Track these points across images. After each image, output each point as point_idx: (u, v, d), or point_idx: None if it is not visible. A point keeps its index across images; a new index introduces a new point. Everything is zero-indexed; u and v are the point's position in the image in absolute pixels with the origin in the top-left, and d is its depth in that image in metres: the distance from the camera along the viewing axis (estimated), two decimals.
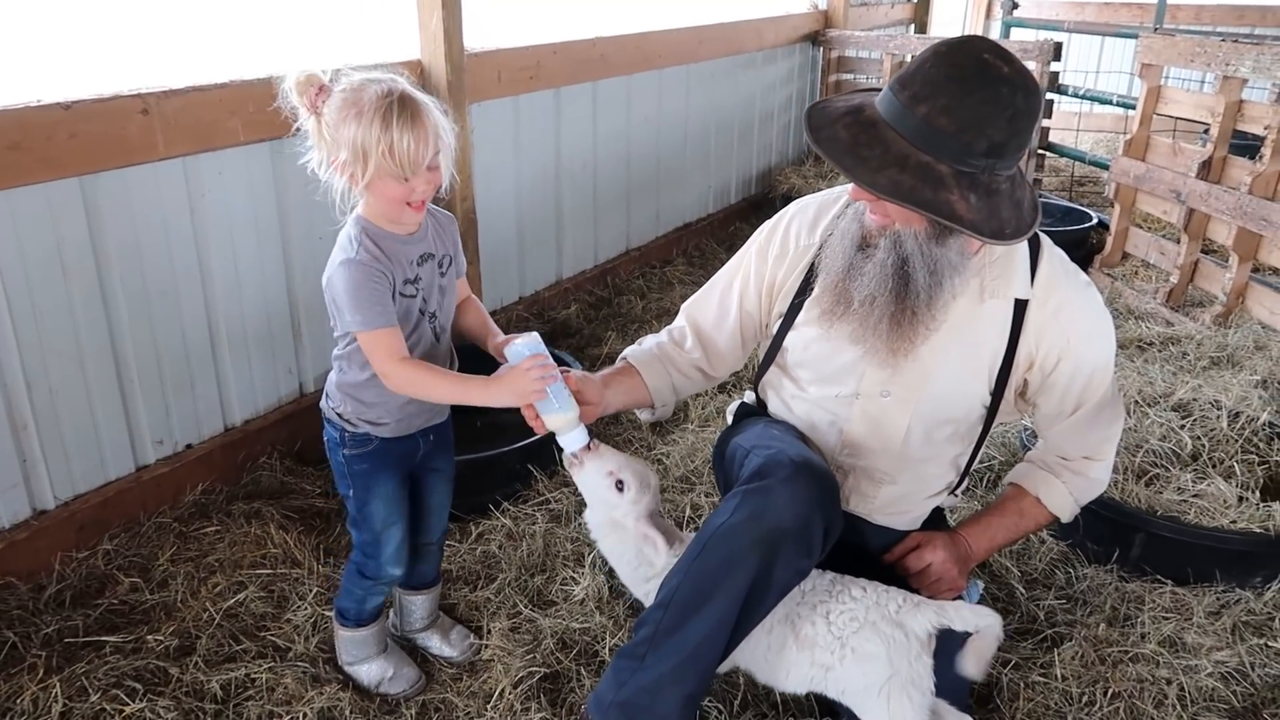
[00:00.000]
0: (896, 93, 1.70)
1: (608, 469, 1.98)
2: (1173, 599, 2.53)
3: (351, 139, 1.78)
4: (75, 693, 2.17)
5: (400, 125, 1.77)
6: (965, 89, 1.64)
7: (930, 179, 1.66)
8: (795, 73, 6.56)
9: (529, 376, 1.88)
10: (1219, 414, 3.07)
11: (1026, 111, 1.68)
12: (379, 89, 1.78)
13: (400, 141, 1.77)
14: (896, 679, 1.80)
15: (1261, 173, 3.98)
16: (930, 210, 1.66)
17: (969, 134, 1.64)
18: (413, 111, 1.79)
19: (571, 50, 4.29)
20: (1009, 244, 1.74)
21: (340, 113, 1.78)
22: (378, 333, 1.88)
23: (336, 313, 1.93)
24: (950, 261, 1.80)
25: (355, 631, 2.25)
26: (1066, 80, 5.75)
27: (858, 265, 1.86)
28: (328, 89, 1.80)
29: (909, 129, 1.68)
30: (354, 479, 2.09)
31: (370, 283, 1.86)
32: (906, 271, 1.79)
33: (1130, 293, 4.73)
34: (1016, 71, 1.66)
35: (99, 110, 2.50)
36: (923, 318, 1.83)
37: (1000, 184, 1.72)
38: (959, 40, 1.71)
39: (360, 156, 1.78)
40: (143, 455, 2.86)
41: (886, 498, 2.10)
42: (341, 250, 1.91)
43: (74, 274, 2.57)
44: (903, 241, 1.79)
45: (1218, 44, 4.25)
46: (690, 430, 3.42)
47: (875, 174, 1.67)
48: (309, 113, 1.82)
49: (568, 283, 4.65)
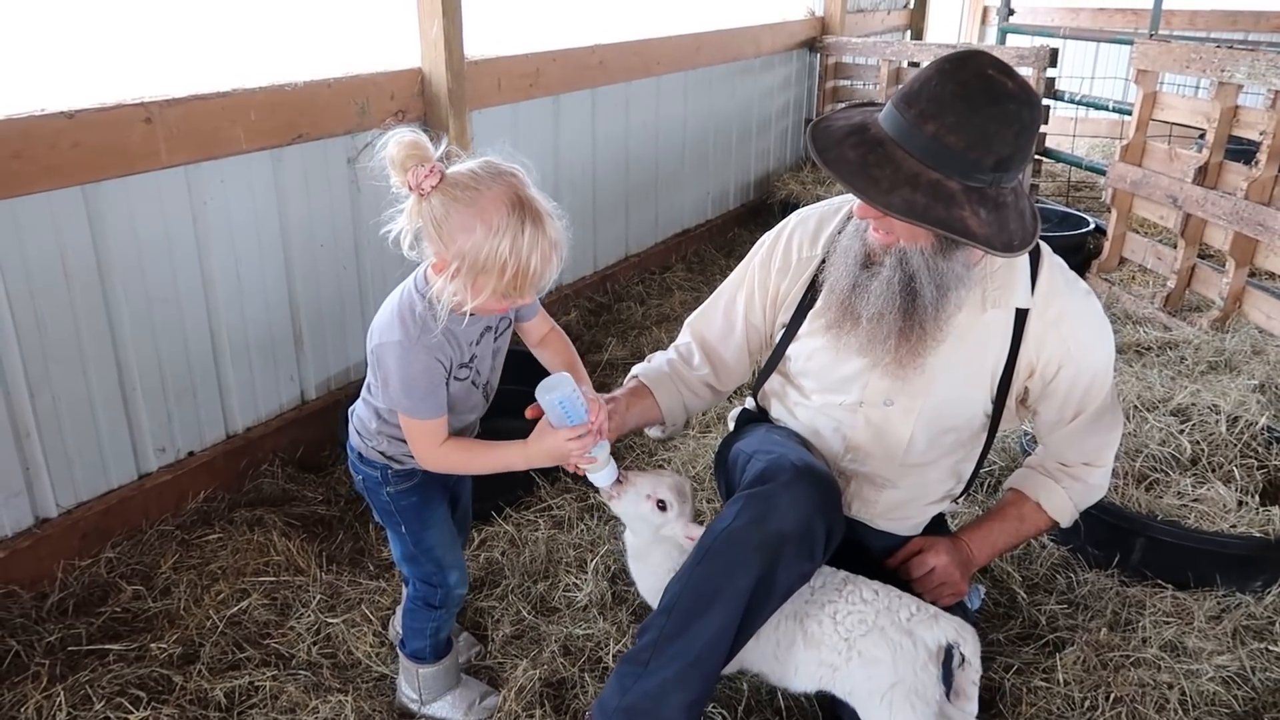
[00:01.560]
0: (902, 111, 1.71)
1: (645, 494, 1.98)
2: (1173, 603, 2.54)
3: (475, 253, 1.64)
4: (79, 701, 2.17)
5: (530, 242, 1.65)
6: (972, 106, 1.65)
7: (942, 197, 1.67)
8: (793, 79, 6.59)
9: (568, 446, 1.83)
10: (1218, 418, 3.08)
11: (1031, 125, 1.70)
12: (502, 191, 1.66)
13: (529, 261, 1.66)
14: (900, 686, 1.81)
15: (1257, 178, 4.00)
16: (946, 229, 1.67)
17: (977, 150, 1.65)
18: (538, 220, 1.67)
19: (571, 57, 4.30)
20: (1018, 255, 1.76)
21: (458, 216, 1.65)
22: (425, 423, 1.83)
23: (382, 383, 1.84)
24: (956, 274, 1.82)
25: (437, 666, 2.18)
26: (1062, 86, 5.78)
27: (863, 283, 1.87)
28: (438, 171, 1.65)
29: (918, 147, 1.68)
30: (403, 515, 2.03)
31: (426, 374, 1.78)
32: (914, 288, 1.81)
33: (1127, 297, 4.75)
34: (1020, 86, 1.68)
35: (102, 119, 2.51)
36: (930, 330, 1.85)
37: (1006, 196, 1.73)
38: (962, 56, 1.71)
39: (480, 273, 1.65)
40: (145, 463, 2.87)
41: (888, 503, 2.11)
42: (400, 320, 1.77)
43: (76, 282, 2.57)
44: (909, 258, 1.80)
45: (1213, 50, 4.27)
46: (692, 437, 3.43)
47: (888, 195, 1.68)
48: (410, 191, 1.67)
49: (567, 289, 4.66)
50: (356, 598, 2.56)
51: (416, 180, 1.65)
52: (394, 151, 1.66)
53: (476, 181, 1.67)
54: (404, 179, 1.67)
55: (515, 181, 1.70)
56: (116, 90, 2.61)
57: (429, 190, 1.66)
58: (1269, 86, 3.94)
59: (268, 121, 2.94)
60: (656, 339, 4.29)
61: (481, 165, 1.70)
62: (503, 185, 1.68)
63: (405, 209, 1.71)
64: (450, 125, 3.49)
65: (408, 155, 1.66)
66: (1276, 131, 3.94)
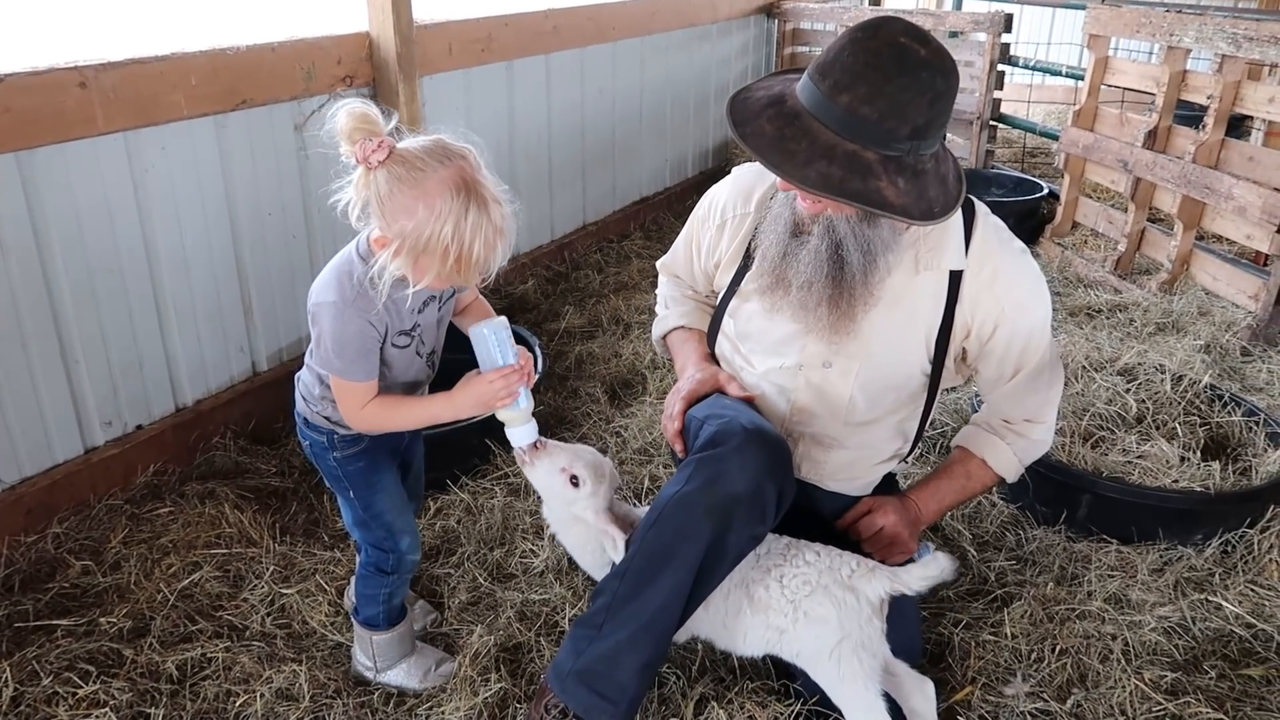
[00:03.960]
0: (817, 82, 1.70)
1: (560, 465, 1.97)
2: (1118, 557, 2.60)
3: (416, 235, 1.63)
4: (26, 676, 2.15)
5: (473, 228, 1.63)
6: (885, 76, 1.64)
7: (858, 168, 1.67)
8: (750, 45, 6.55)
9: (493, 387, 1.83)
10: (1163, 378, 3.15)
11: (946, 92, 1.69)
12: (449, 174, 1.64)
13: (472, 247, 1.64)
14: (848, 642, 1.84)
15: (1205, 141, 4.06)
16: (861, 201, 1.68)
17: (892, 120, 1.65)
18: (484, 207, 1.65)
19: (523, 22, 4.24)
20: (939, 223, 1.77)
21: (401, 195, 1.63)
22: (354, 384, 1.82)
23: (315, 341, 1.84)
24: (883, 240, 1.83)
25: (391, 633, 2.17)
26: (1018, 51, 5.80)
27: (793, 251, 1.89)
28: (387, 146, 1.63)
29: (833, 119, 1.68)
30: (351, 479, 2.03)
31: (359, 338, 1.77)
32: (840, 255, 1.83)
33: (1080, 261, 4.82)
34: (934, 53, 1.67)
35: (33, 84, 2.43)
36: (860, 295, 1.87)
37: (925, 164, 1.74)
38: (875, 24, 1.69)
39: (421, 254, 1.65)
40: (91, 437, 2.81)
41: (836, 464, 2.13)
42: (338, 283, 1.76)
43: (13, 252, 2.50)
44: (835, 226, 1.82)
45: (1162, 15, 4.31)
46: (648, 403, 3.43)
47: (804, 168, 1.68)
48: (358, 163, 1.66)
49: (524, 258, 4.62)
50: (311, 568, 2.55)
51: (364, 153, 1.64)
52: (343, 122, 1.65)
53: (424, 162, 1.65)
54: (352, 150, 1.65)
55: (464, 165, 1.68)
56: (49, 54, 2.53)
57: (376, 164, 1.64)
58: (1216, 50, 3.99)
59: (209, 86, 2.87)
60: (614, 307, 4.28)
61: (432, 145, 1.69)
62: (451, 168, 1.66)
63: (353, 180, 1.70)
64: (400, 90, 3.44)
65: (356, 127, 1.65)
66: (1223, 95, 4.00)
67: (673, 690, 2.14)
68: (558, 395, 3.54)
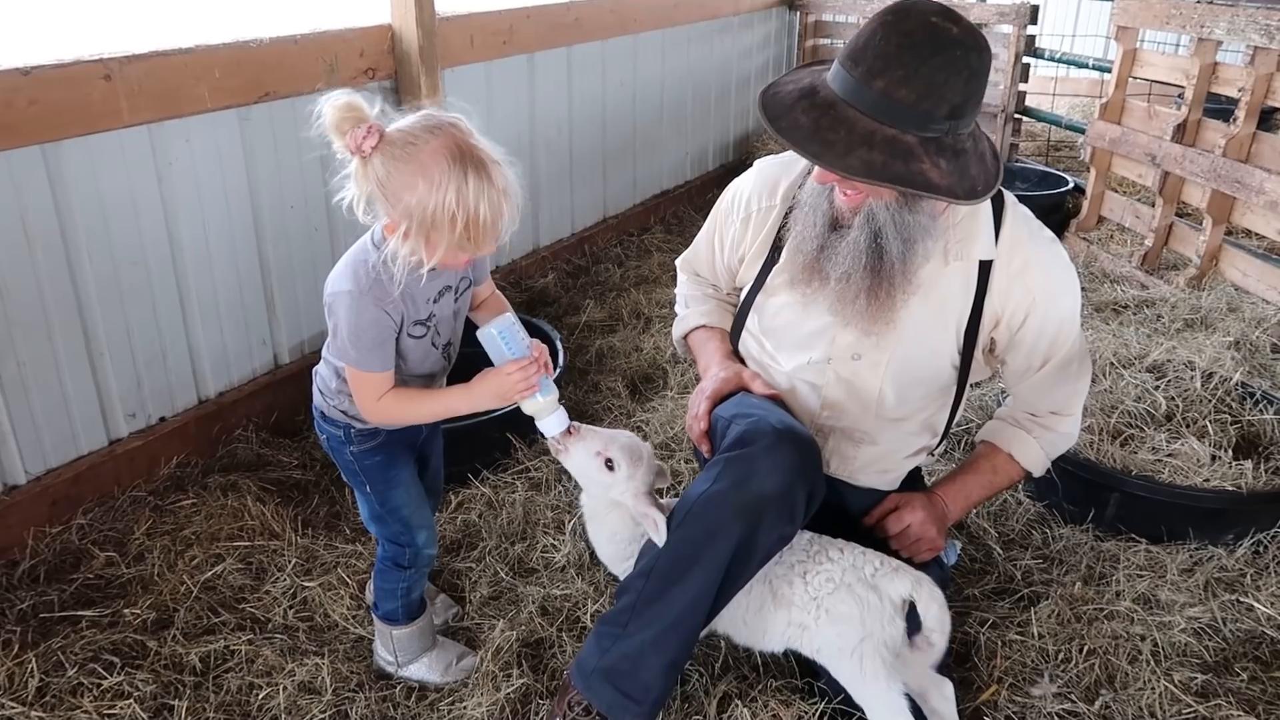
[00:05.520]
0: (850, 69, 1.68)
1: (594, 450, 1.94)
2: (1147, 557, 2.56)
3: (421, 210, 1.61)
4: (51, 667, 2.16)
5: (475, 191, 1.61)
6: (919, 57, 1.62)
7: (899, 152, 1.65)
8: (772, 38, 6.50)
9: (510, 380, 1.82)
10: (1192, 375, 3.10)
11: (981, 70, 1.68)
12: (441, 143, 1.62)
13: (478, 211, 1.62)
14: (869, 640, 1.82)
15: (1235, 135, 4.00)
16: (906, 184, 1.65)
17: (929, 101, 1.63)
18: (482, 169, 1.63)
19: (545, 14, 4.22)
20: (983, 200, 1.74)
21: (400, 174, 1.62)
22: (369, 375, 1.81)
23: (332, 332, 1.83)
24: (922, 226, 1.81)
25: (410, 627, 2.16)
26: (1043, 44, 5.73)
27: (831, 244, 1.86)
28: (376, 131, 1.62)
29: (869, 104, 1.66)
30: (368, 474, 2.02)
31: (375, 327, 1.76)
32: (879, 244, 1.80)
33: (1106, 256, 4.76)
34: (965, 31, 1.65)
35: (60, 76, 2.44)
36: (899, 284, 1.85)
37: (965, 143, 1.72)
38: (904, 7, 1.67)
39: (431, 229, 1.63)
40: (115, 429, 2.83)
41: (866, 458, 2.11)
42: (354, 272, 1.76)
43: (39, 245, 2.51)
44: (875, 215, 1.79)
45: (1193, 6, 4.24)
46: (670, 398, 3.42)
47: (845, 156, 1.65)
48: (351, 154, 1.64)
49: (544, 251, 4.61)
50: (333, 561, 2.55)
51: (355, 142, 1.63)
52: (329, 115, 1.64)
53: (414, 136, 1.64)
54: (343, 143, 1.64)
55: (455, 131, 1.66)
56: (75, 47, 2.54)
57: (369, 151, 1.63)
58: (1248, 42, 3.92)
59: (233, 79, 2.87)
60: (635, 301, 4.26)
61: (419, 119, 1.68)
62: (442, 137, 1.64)
63: (351, 174, 1.68)
64: (422, 83, 3.43)
65: (343, 118, 1.63)
66: (1255, 88, 3.93)
67: (696, 688, 2.12)
68: (578, 389, 3.53)
